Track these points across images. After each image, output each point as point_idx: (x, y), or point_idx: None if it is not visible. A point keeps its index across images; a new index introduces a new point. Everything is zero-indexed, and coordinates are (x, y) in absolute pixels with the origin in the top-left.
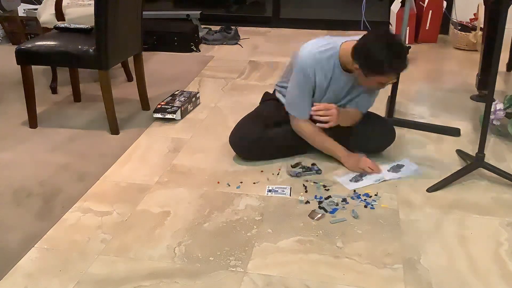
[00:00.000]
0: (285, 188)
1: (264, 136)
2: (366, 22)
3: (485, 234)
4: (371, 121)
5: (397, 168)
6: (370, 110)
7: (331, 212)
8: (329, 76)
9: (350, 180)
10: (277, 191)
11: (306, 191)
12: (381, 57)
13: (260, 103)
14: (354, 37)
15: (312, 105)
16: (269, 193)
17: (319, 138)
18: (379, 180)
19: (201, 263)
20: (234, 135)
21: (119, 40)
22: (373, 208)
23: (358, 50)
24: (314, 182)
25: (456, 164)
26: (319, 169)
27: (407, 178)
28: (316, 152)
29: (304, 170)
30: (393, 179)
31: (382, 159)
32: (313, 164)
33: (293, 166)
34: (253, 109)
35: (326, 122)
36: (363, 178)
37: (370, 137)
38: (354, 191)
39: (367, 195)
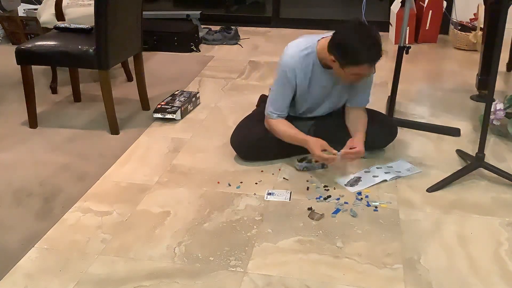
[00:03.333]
0: (285, 192)
1: (265, 137)
2: (366, 22)
3: (485, 234)
4: (373, 118)
5: (391, 168)
6: (371, 108)
7: (333, 212)
8: (309, 75)
9: (345, 185)
10: (275, 194)
11: (307, 188)
12: (356, 47)
13: (256, 105)
14: (330, 33)
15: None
16: (269, 196)
17: (290, 135)
18: (377, 181)
19: (201, 263)
20: (236, 137)
21: (119, 40)
22: (376, 210)
23: (335, 42)
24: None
25: (456, 164)
26: (325, 164)
27: (407, 178)
28: None
29: (310, 164)
30: (391, 180)
31: (382, 159)
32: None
33: (299, 161)
34: (253, 109)
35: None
36: (359, 183)
37: (372, 134)
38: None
39: (367, 195)
